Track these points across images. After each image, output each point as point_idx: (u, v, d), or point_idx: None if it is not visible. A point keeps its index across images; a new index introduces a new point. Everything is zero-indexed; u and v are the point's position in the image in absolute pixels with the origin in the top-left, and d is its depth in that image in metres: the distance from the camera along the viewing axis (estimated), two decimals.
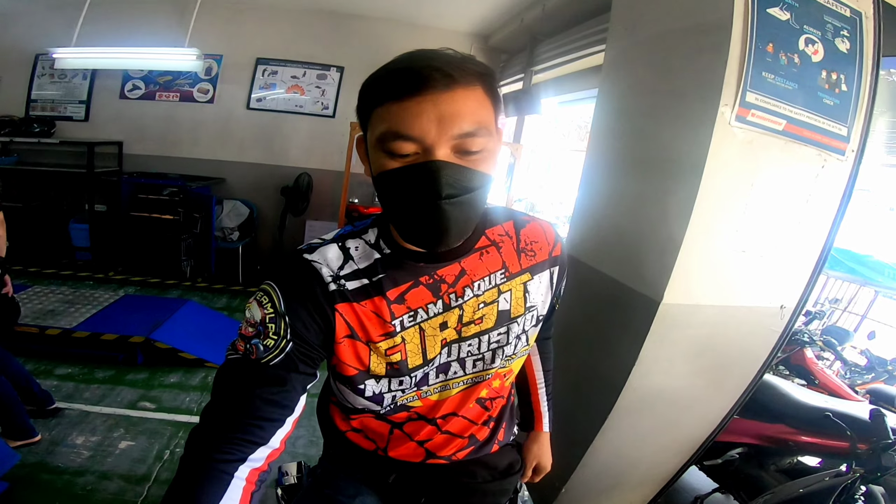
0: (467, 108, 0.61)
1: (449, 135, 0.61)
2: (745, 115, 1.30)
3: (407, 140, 0.61)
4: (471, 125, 0.62)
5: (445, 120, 0.60)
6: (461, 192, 0.63)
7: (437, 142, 0.61)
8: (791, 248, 1.50)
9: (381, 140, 0.63)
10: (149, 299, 3.99)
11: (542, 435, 1.07)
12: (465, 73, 0.62)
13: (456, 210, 0.63)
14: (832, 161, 1.43)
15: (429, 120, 0.60)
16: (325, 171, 4.80)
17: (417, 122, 0.60)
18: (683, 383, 1.63)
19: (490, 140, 0.65)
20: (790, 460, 2.07)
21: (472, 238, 0.78)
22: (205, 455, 0.64)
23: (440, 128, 0.60)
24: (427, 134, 0.60)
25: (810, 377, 2.86)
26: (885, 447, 1.51)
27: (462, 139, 0.62)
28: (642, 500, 2.08)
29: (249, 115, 4.78)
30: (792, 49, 1.33)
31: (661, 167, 1.47)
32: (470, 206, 0.65)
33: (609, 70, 1.80)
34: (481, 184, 0.65)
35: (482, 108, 0.64)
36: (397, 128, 0.61)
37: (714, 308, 1.48)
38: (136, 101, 4.68)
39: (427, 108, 0.60)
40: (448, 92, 0.60)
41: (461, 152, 0.63)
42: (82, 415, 2.43)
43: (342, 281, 0.73)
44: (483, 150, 0.64)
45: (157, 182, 4.47)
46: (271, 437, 0.67)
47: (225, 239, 4.73)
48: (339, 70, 4.74)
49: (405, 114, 0.60)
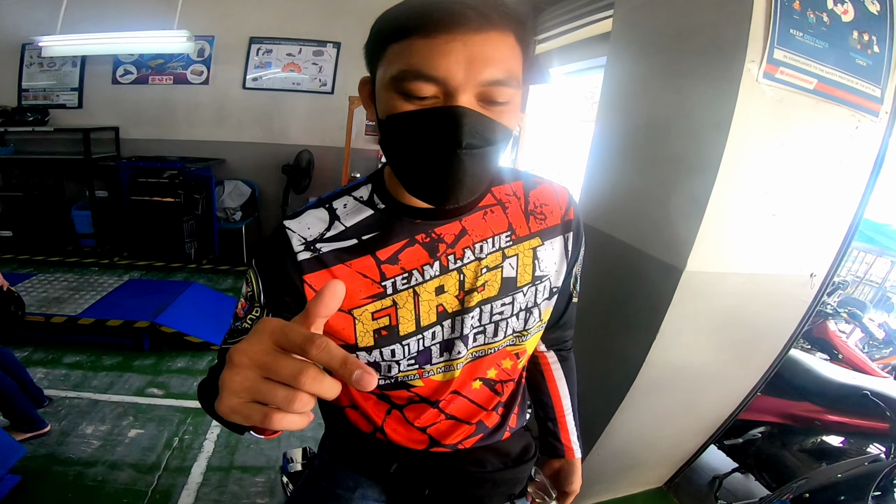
0: (500, 54, 0.55)
1: (477, 80, 0.54)
2: (773, 73, 1.24)
3: (429, 81, 0.54)
4: (501, 73, 0.55)
5: (476, 63, 0.54)
6: (482, 143, 0.57)
7: (462, 86, 0.54)
8: (822, 213, 1.43)
9: (398, 79, 0.56)
10: (153, 283, 3.95)
11: (576, 462, 0.94)
12: (501, 16, 0.55)
13: (473, 163, 0.57)
14: (866, 122, 1.36)
15: (457, 61, 0.53)
16: (326, 147, 4.73)
17: (444, 62, 0.53)
18: (707, 359, 1.57)
19: (516, 93, 0.58)
20: (814, 440, 2.00)
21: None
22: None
23: (468, 71, 0.54)
24: (453, 76, 0.54)
25: (833, 351, 2.75)
26: None
27: (490, 87, 0.55)
28: (659, 480, 2.06)
29: (246, 94, 4.71)
30: (820, 8, 1.26)
31: (679, 128, 1.40)
32: (487, 161, 0.59)
33: (618, 35, 1.74)
34: (502, 137, 0.59)
35: (513, 56, 0.57)
36: (420, 66, 0.54)
37: (742, 276, 1.41)
38: (129, 85, 4.61)
39: (457, 47, 0.53)
40: (481, 34, 0.54)
41: (486, 101, 0.56)
42: (91, 403, 2.40)
43: (318, 245, 0.68)
44: (509, 102, 0.57)
45: (155, 165, 4.42)
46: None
47: (227, 219, 4.69)
48: (336, 46, 4.63)
49: (430, 52, 0.53)
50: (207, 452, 2.10)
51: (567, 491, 0.94)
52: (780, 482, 1.87)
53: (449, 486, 0.84)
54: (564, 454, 0.93)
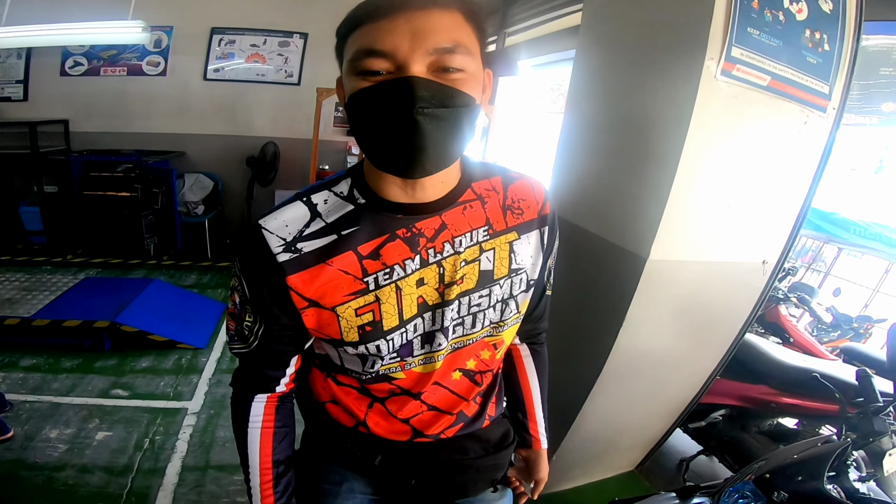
0: (443, 25, 0.57)
1: (423, 48, 0.56)
2: (730, 70, 1.29)
3: (378, 56, 0.57)
4: (447, 41, 0.57)
5: (419, 34, 0.56)
6: (436, 104, 0.57)
7: (410, 56, 0.56)
8: (773, 203, 1.51)
9: (353, 61, 0.59)
10: (112, 281, 3.81)
11: (542, 452, 0.99)
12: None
13: (431, 126, 0.58)
14: (814, 118, 1.44)
15: (401, 34, 0.56)
16: (293, 139, 4.66)
17: (389, 38, 0.56)
18: (670, 344, 1.64)
19: (472, 61, 0.60)
20: (771, 422, 2.09)
21: (457, 190, 0.72)
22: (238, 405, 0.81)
23: (413, 41, 0.56)
24: (399, 48, 0.56)
25: (785, 335, 2.88)
26: (877, 411, 1.46)
27: (439, 55, 0.57)
28: (631, 464, 2.14)
29: (207, 86, 4.57)
30: (776, 6, 1.32)
31: (643, 122, 1.45)
32: (448, 125, 0.59)
33: (587, 29, 1.76)
34: (462, 103, 0.60)
35: (460, 28, 0.59)
36: (369, 44, 0.57)
37: (699, 264, 1.48)
38: (80, 77, 4.40)
39: (400, 24, 0.56)
40: (423, 10, 0.57)
41: (438, 69, 0.58)
42: (53, 407, 2.32)
43: (299, 245, 0.68)
44: (464, 70, 0.59)
45: (109, 159, 4.25)
46: (278, 382, 0.81)
47: (189, 213, 4.56)
48: (303, 36, 4.55)
49: (377, 32, 0.57)
50: (181, 452, 2.07)
51: (537, 478, 0.98)
52: (741, 463, 1.94)
53: (433, 475, 0.85)
54: (532, 445, 0.97)
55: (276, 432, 0.81)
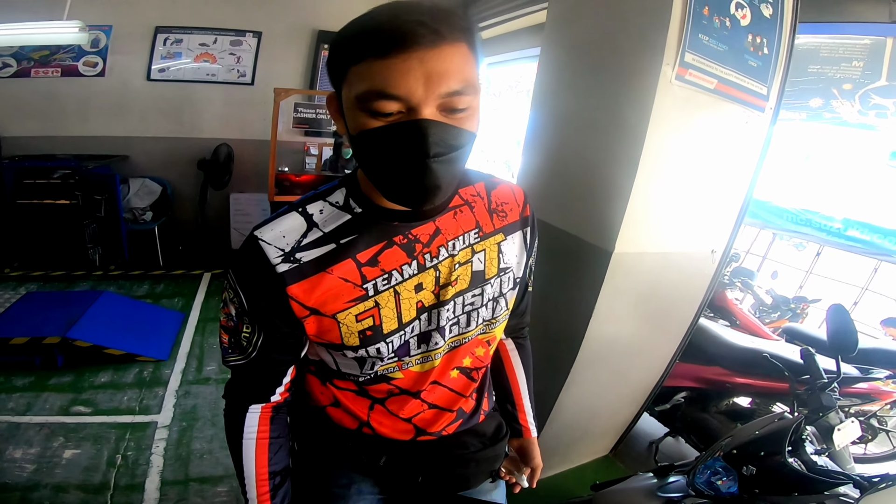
0: (454, 66, 0.58)
1: (436, 94, 0.58)
2: (683, 74, 1.39)
3: (392, 99, 0.58)
4: (458, 83, 0.59)
5: (433, 78, 0.57)
6: (448, 150, 0.61)
7: (423, 101, 0.58)
8: (719, 197, 1.65)
9: (363, 99, 0.59)
10: (57, 295, 3.58)
11: (534, 440, 1.04)
12: (452, 28, 0.58)
13: (443, 168, 0.61)
14: (754, 117, 1.58)
15: (415, 79, 0.57)
16: (247, 140, 4.49)
17: (404, 81, 0.57)
18: (633, 330, 1.76)
19: (475, 98, 0.63)
20: (727, 402, 2.22)
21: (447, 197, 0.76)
22: (232, 417, 0.82)
23: (427, 86, 0.57)
24: (413, 93, 0.57)
25: (732, 318, 3.06)
26: (823, 387, 1.54)
27: (449, 98, 0.59)
28: (605, 448, 2.26)
29: (151, 86, 4.33)
30: (724, 13, 1.42)
31: (607, 122, 1.53)
32: (455, 164, 0.64)
33: (552, 28, 1.82)
34: (467, 141, 0.64)
35: (468, 65, 0.61)
36: (382, 87, 0.57)
37: (658, 255, 1.60)
38: (8, 79, 4.06)
39: (413, 65, 0.56)
40: (435, 49, 0.57)
41: (447, 110, 0.60)
42: (12, 427, 2.19)
43: (297, 254, 0.70)
44: (469, 108, 0.62)
45: (44, 165, 3.95)
46: (275, 390, 0.81)
47: (136, 220, 4.32)
48: (257, 35, 4.36)
49: (389, 72, 0.57)
50: (158, 467, 2.01)
51: (532, 466, 1.03)
52: (705, 443, 2.07)
53: (438, 471, 0.89)
54: (523, 434, 1.03)
55: (272, 443, 0.81)
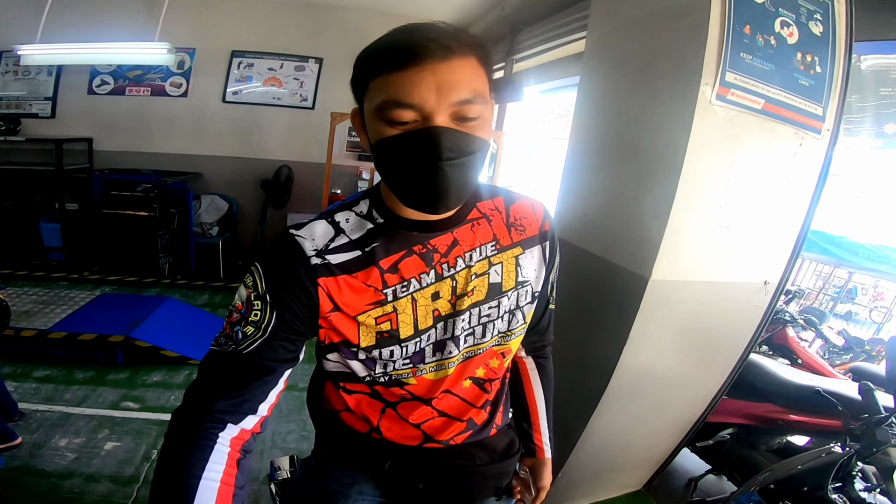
0: (464, 77, 0.64)
1: (447, 102, 0.63)
2: (725, 94, 1.34)
3: (407, 108, 0.63)
4: (468, 93, 0.64)
5: (444, 88, 0.62)
6: (460, 154, 0.65)
7: (436, 109, 0.63)
8: (772, 225, 1.54)
9: (381, 109, 0.64)
10: (127, 298, 3.90)
11: (546, 461, 1.03)
12: (461, 43, 0.64)
13: (455, 172, 0.65)
14: (809, 139, 1.47)
15: (428, 88, 0.62)
16: (306, 162, 4.75)
17: (417, 91, 0.62)
18: (673, 363, 1.66)
19: (485, 108, 0.67)
20: (780, 440, 2.09)
21: (465, 209, 0.79)
22: (189, 427, 0.67)
23: (439, 95, 0.62)
24: (426, 101, 0.62)
25: (793, 356, 2.88)
26: (879, 422, 1.50)
27: (460, 106, 0.64)
28: (638, 483, 2.13)
29: (225, 108, 4.69)
30: (768, 31, 1.36)
31: (644, 146, 1.49)
32: (468, 169, 0.67)
33: (590, 56, 1.82)
34: (478, 148, 0.67)
35: (477, 77, 0.66)
36: (397, 96, 0.63)
37: (700, 284, 1.51)
38: (105, 96, 4.53)
39: (426, 76, 0.62)
40: (445, 62, 0.62)
41: (459, 119, 0.65)
42: (64, 416, 2.36)
43: (327, 256, 0.74)
44: (479, 117, 0.66)
45: (130, 178, 4.35)
46: (252, 413, 0.71)
47: (204, 234, 4.64)
48: (318, 61, 4.68)
49: (404, 83, 0.62)
50: None
51: (539, 486, 1.01)
52: None
53: (441, 480, 0.89)
54: (536, 454, 1.02)
55: (237, 495, 0.67)
